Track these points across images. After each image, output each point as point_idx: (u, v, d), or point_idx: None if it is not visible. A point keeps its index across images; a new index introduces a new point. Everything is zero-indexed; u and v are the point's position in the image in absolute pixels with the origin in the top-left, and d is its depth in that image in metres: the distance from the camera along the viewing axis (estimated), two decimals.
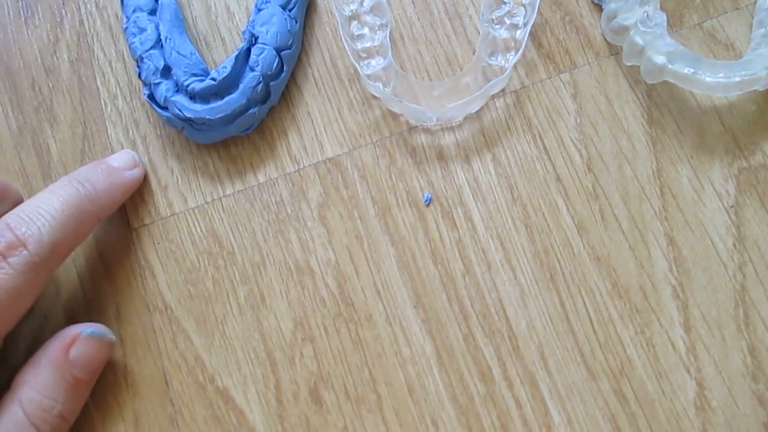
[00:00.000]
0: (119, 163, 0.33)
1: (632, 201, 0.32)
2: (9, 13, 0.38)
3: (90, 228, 0.31)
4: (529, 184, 0.32)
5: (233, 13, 0.36)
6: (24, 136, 0.35)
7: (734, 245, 0.31)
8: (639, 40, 0.31)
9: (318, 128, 0.34)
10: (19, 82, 0.37)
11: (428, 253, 0.32)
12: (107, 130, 0.35)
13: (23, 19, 0.38)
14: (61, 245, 0.29)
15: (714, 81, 0.30)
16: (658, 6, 0.32)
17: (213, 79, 0.32)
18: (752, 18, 0.33)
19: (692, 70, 0.30)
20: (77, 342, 0.30)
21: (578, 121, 0.33)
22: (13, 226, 0.28)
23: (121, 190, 0.33)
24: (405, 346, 0.31)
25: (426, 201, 0.32)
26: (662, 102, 0.33)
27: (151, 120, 0.35)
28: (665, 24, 0.31)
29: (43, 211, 0.29)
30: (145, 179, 0.34)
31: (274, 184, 0.34)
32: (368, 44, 0.34)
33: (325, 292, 0.32)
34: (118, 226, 0.34)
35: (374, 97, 0.34)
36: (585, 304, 0.31)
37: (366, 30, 0.34)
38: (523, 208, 0.32)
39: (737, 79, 0.30)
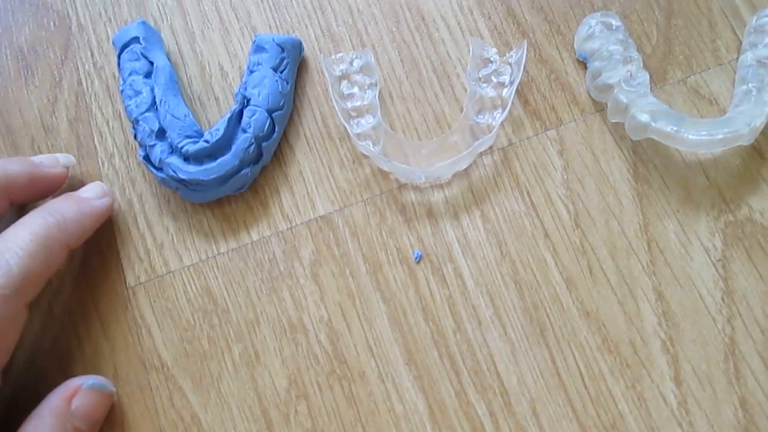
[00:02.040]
0: (89, 194, 0.34)
1: (620, 256, 0.32)
2: (10, 73, 0.39)
3: (61, 256, 0.31)
4: (517, 240, 0.33)
5: (227, 73, 0.37)
6: None
7: (722, 299, 0.31)
8: (623, 98, 0.32)
9: (310, 186, 0.35)
10: (19, 140, 0.37)
11: (419, 310, 0.32)
12: None
13: (23, 78, 0.39)
14: (32, 275, 0.29)
15: (697, 139, 0.30)
16: (641, 65, 0.33)
17: (206, 141, 0.33)
18: (734, 73, 0.33)
19: (675, 128, 0.31)
20: (78, 394, 0.31)
21: (565, 177, 0.33)
22: None
23: (90, 218, 0.33)
24: (398, 403, 0.32)
25: (416, 258, 0.33)
26: (647, 157, 0.33)
27: (147, 179, 0.36)
28: (648, 83, 0.32)
29: (11, 244, 0.29)
30: (141, 238, 0.35)
31: (267, 242, 0.34)
32: (358, 103, 0.34)
33: (318, 350, 0.32)
34: (114, 284, 0.35)
35: (364, 155, 0.34)
36: (575, 359, 0.31)
37: (356, 89, 0.35)
38: (512, 264, 0.32)
39: (720, 136, 0.30)
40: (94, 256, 0.35)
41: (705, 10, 0.35)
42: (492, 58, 0.34)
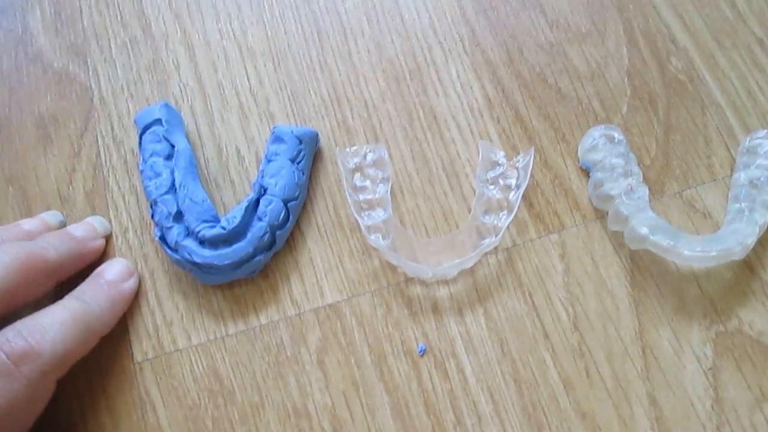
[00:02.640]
0: (115, 275, 0.35)
1: (616, 360, 0.33)
2: (30, 140, 0.40)
3: (94, 342, 0.33)
4: (518, 340, 0.34)
5: (243, 157, 0.38)
6: None
7: (712, 407, 0.32)
8: (623, 210, 0.33)
9: (319, 274, 0.36)
10: (34, 208, 0.38)
11: (421, 403, 0.33)
12: None
13: (43, 146, 0.40)
14: (70, 356, 0.31)
15: (692, 254, 0.32)
16: (641, 179, 0.34)
17: (223, 227, 0.34)
18: (728, 189, 0.35)
19: (672, 243, 0.32)
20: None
21: (566, 280, 0.35)
22: (26, 334, 0.29)
23: (121, 305, 0.35)
24: None
25: (420, 351, 0.34)
26: (644, 266, 0.35)
27: (160, 255, 0.37)
28: (647, 197, 0.34)
29: (55, 323, 0.30)
30: (151, 314, 0.36)
31: (275, 326, 0.35)
32: (370, 196, 0.36)
33: None
34: (122, 359, 0.35)
35: (374, 247, 0.36)
36: None
37: (368, 182, 0.36)
38: (513, 363, 0.34)
39: (714, 253, 0.32)
40: None
41: (701, 128, 0.37)
42: (500, 161, 0.36)
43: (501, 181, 0.35)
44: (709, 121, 0.37)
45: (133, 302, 0.36)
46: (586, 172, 0.36)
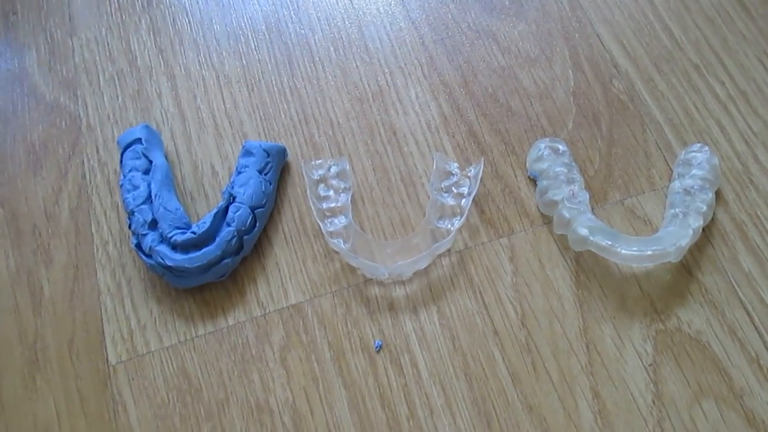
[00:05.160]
0: None
1: (561, 355, 0.35)
2: (20, 166, 0.43)
3: None
4: (469, 336, 0.36)
5: (217, 172, 0.41)
6: (20, 275, 0.39)
7: (653, 401, 0.34)
8: (566, 213, 0.36)
9: (284, 277, 0.38)
10: (22, 226, 0.41)
11: (377, 397, 0.35)
12: (97, 273, 0.39)
13: (32, 171, 0.42)
14: None
15: (629, 253, 0.34)
16: (583, 185, 0.37)
17: (193, 232, 0.37)
18: (666, 198, 0.38)
19: (610, 243, 0.34)
20: None
21: (514, 280, 0.37)
22: None
23: None
24: None
25: (377, 347, 0.36)
26: (588, 267, 0.37)
27: (137, 265, 0.39)
28: (588, 202, 0.36)
29: None
30: (126, 319, 0.38)
31: (242, 327, 0.37)
32: (332, 205, 0.38)
33: (282, 431, 0.35)
34: (97, 362, 0.37)
35: (335, 251, 0.38)
36: None
37: (331, 192, 0.39)
38: (464, 358, 0.35)
39: (649, 252, 0.34)
40: (80, 334, 0.37)
41: (642, 142, 0.40)
42: (453, 171, 0.39)
43: (454, 189, 0.38)
44: (649, 137, 0.40)
45: (110, 308, 0.38)
46: (533, 181, 0.39)
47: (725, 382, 0.34)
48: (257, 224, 0.38)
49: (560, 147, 0.38)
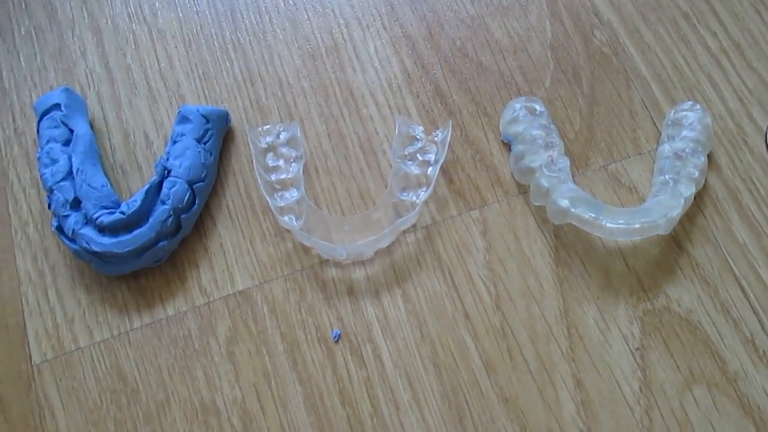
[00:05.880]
0: None
1: (540, 341, 0.32)
2: None
3: None
4: (438, 322, 0.32)
5: (152, 142, 0.36)
6: None
7: (640, 389, 0.31)
8: (544, 183, 0.32)
9: (230, 260, 0.34)
10: None
11: (336, 393, 0.31)
12: (16, 259, 0.34)
13: None
14: None
15: (615, 227, 0.31)
16: (563, 151, 0.33)
17: (122, 212, 0.32)
18: (653, 163, 0.34)
19: (594, 215, 0.31)
20: None
21: (487, 258, 0.33)
22: None
23: None
24: None
25: (335, 337, 0.32)
26: (569, 242, 0.33)
27: (62, 249, 0.35)
28: (569, 169, 0.32)
29: None
30: (51, 312, 0.33)
31: (183, 317, 0.33)
32: (283, 176, 0.34)
33: None
34: (19, 362, 0.33)
35: (286, 229, 0.34)
36: None
37: (281, 162, 0.35)
38: (432, 346, 0.32)
39: (637, 225, 0.31)
40: None
41: (626, 101, 0.36)
42: (418, 136, 0.34)
43: (419, 157, 0.34)
44: (635, 95, 0.36)
45: (32, 300, 0.34)
46: (507, 145, 0.35)
47: (718, 365, 0.31)
48: (197, 201, 0.33)
49: (537, 107, 0.34)
